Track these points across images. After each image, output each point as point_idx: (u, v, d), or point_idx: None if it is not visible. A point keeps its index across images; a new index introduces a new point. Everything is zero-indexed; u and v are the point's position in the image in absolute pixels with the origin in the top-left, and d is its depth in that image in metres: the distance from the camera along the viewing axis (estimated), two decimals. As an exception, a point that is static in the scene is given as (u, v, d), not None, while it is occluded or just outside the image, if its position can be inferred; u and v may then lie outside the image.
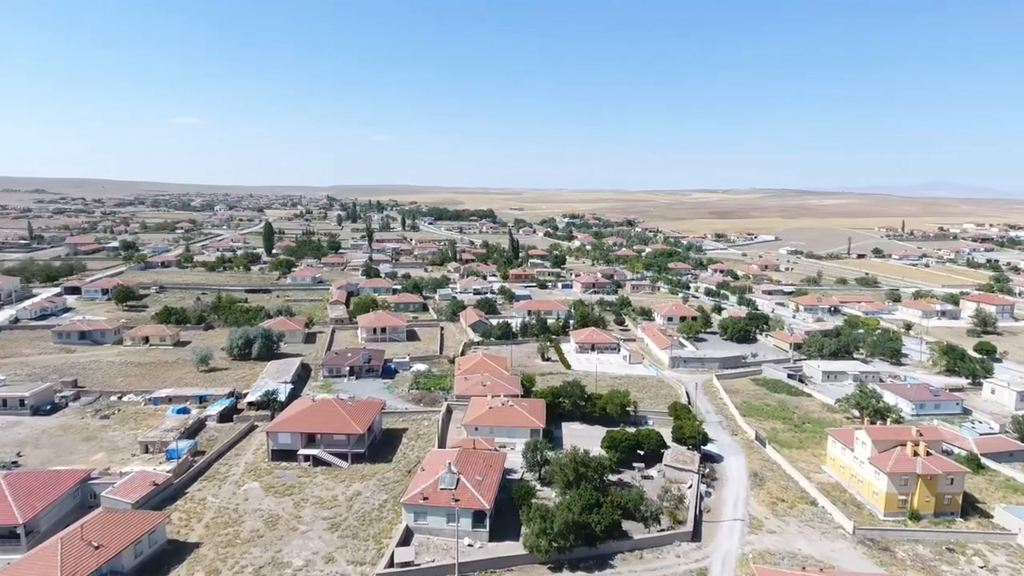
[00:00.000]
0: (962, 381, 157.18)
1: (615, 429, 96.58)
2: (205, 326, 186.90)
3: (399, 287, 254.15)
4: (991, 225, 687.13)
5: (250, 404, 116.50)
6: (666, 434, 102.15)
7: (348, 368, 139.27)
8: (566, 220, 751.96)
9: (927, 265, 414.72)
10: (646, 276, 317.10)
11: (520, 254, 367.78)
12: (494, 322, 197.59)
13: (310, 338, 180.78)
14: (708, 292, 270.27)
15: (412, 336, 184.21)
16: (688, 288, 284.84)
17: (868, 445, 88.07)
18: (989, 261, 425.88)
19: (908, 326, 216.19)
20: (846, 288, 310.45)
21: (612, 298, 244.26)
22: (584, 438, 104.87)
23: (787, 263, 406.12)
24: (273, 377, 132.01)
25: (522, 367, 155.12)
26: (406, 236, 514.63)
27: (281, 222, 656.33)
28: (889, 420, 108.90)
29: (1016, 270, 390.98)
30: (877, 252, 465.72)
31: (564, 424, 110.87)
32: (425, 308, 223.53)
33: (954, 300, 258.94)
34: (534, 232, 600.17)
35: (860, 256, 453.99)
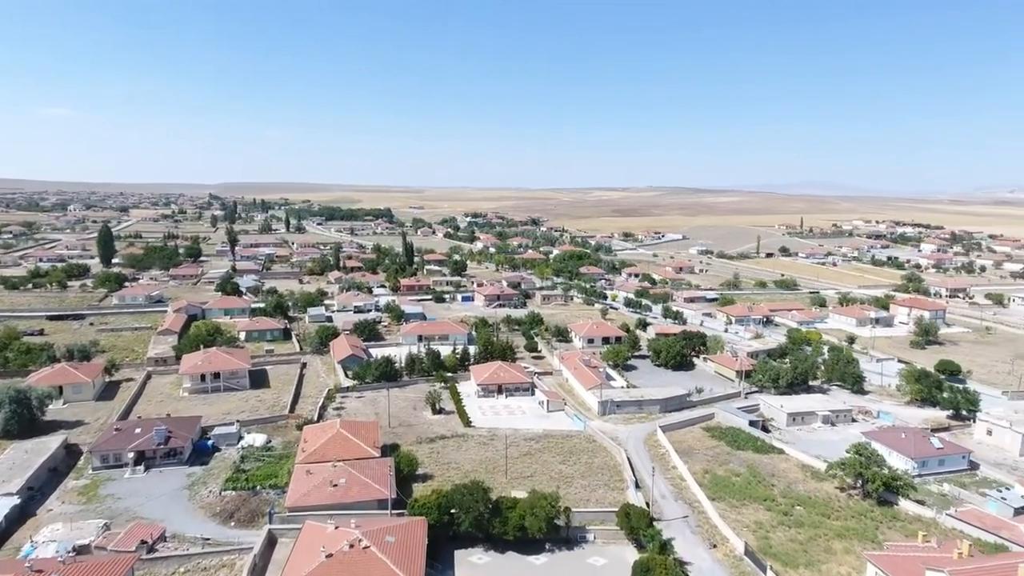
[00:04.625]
0: (941, 415, 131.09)
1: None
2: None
3: (261, 305, 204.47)
4: (878, 222, 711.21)
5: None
6: (618, 558, 64.29)
7: (133, 454, 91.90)
8: (468, 219, 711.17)
9: (835, 264, 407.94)
10: (557, 283, 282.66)
11: (415, 260, 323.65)
12: (376, 353, 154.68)
13: (111, 390, 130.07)
14: (628, 303, 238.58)
15: (260, 381, 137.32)
16: (605, 297, 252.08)
17: (957, 602, 53.71)
18: (890, 259, 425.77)
19: (851, 339, 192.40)
20: (767, 292, 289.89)
21: (521, 313, 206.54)
22: (491, 586, 64.94)
23: (700, 264, 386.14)
24: (1, 478, 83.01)
25: (404, 425, 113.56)
26: (287, 240, 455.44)
27: (145, 224, 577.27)
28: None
29: (918, 267, 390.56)
30: (784, 251, 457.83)
31: (459, 554, 70.18)
32: (288, 336, 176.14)
33: (884, 305, 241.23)
34: (433, 233, 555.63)
35: (769, 255, 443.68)
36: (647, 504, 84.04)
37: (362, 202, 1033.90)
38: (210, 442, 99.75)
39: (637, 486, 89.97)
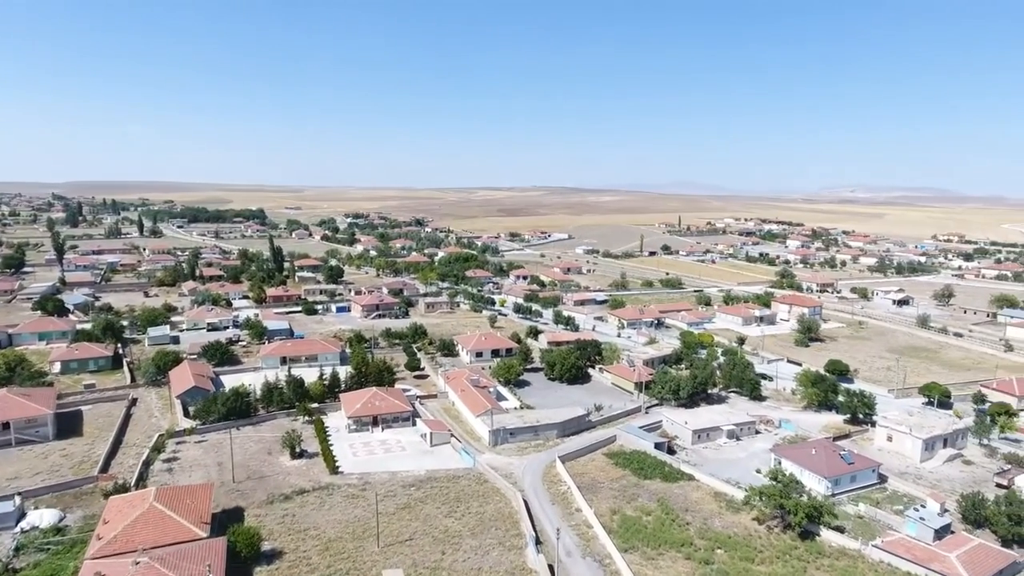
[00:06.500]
0: (839, 420, 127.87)
1: None
2: None
3: (88, 327, 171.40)
4: (746, 219, 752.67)
5: None
6: None
7: None
8: (349, 220, 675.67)
9: (713, 261, 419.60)
10: (442, 289, 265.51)
11: (286, 266, 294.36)
12: (229, 381, 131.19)
13: None
14: (517, 308, 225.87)
15: (70, 428, 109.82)
16: (493, 303, 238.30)
17: None
18: (762, 255, 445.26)
19: (741, 340, 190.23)
20: (654, 291, 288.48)
21: (402, 324, 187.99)
22: None
23: (587, 264, 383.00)
24: None
25: (254, 477, 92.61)
26: (139, 245, 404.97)
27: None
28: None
29: (787, 263, 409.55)
30: (666, 249, 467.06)
31: None
32: (118, 364, 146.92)
33: (765, 303, 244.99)
34: (310, 236, 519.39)
35: (652, 254, 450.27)
36: (551, 568, 69.73)
37: (233, 202, 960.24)
38: (-28, 528, 74.18)
39: (538, 541, 75.50)
